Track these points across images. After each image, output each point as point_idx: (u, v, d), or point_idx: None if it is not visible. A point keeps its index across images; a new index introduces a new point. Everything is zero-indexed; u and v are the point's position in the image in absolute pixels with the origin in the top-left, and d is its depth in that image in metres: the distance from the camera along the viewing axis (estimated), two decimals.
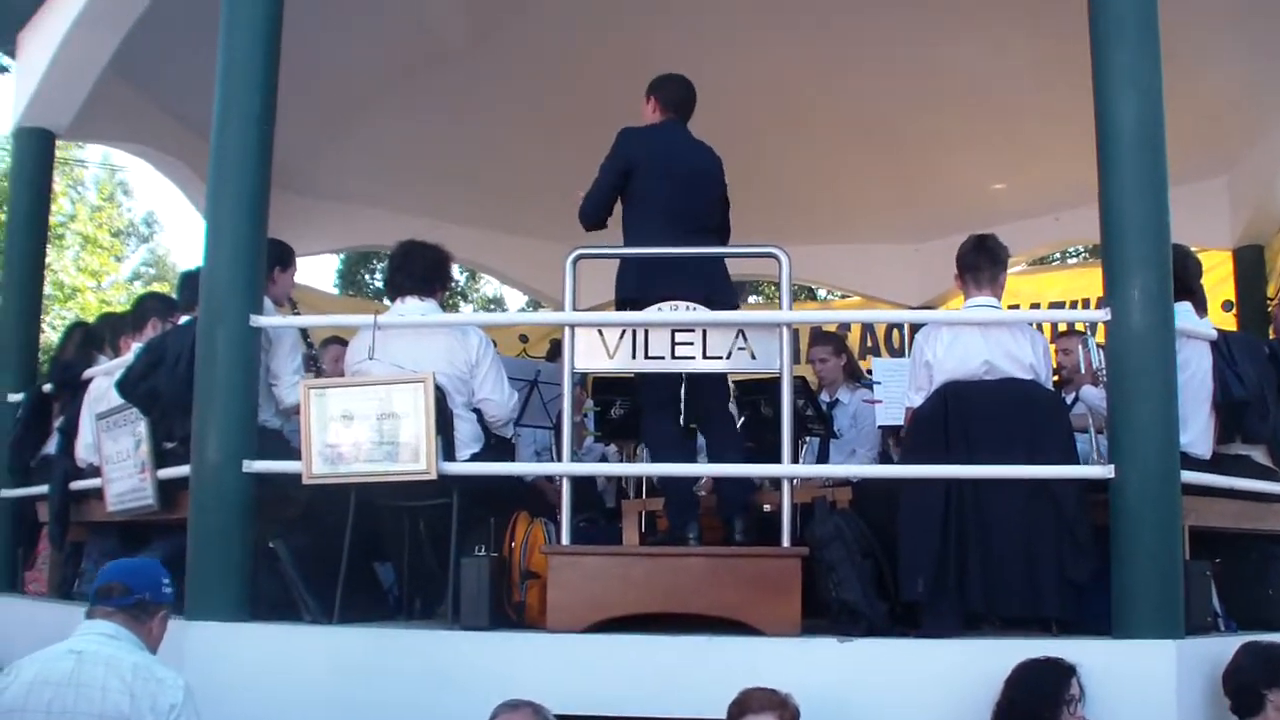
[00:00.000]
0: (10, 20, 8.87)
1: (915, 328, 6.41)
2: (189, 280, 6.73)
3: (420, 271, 6.27)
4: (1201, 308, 6.03)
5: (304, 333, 6.90)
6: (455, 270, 6.91)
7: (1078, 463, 5.60)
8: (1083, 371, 6.09)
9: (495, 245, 12.84)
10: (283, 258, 6.68)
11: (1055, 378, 6.64)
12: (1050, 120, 9.55)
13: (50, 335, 18.34)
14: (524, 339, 10.12)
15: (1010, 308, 7.49)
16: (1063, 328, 8.74)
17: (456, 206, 11.80)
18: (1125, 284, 5.17)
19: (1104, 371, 5.48)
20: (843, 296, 14.60)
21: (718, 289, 6.03)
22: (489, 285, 32.29)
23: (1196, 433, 5.73)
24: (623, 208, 6.35)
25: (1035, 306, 12.45)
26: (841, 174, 11.23)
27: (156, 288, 26.98)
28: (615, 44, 9.23)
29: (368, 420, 5.47)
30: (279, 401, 6.21)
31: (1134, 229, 5.19)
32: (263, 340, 5.99)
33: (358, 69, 9.46)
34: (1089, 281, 12.09)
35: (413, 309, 6.18)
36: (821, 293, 16.73)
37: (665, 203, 6.19)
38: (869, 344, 13.32)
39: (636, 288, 5.99)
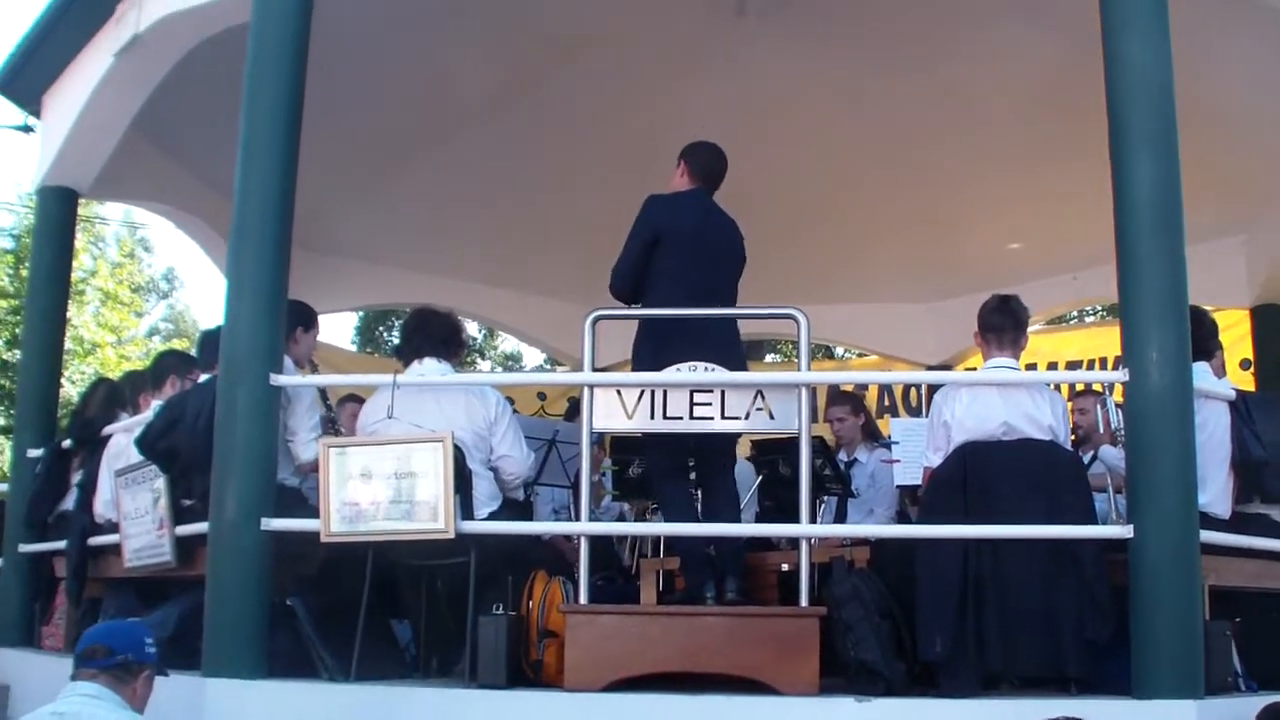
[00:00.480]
0: (36, 82, 8.95)
1: (933, 388, 6.40)
2: (208, 339, 6.77)
3: (440, 335, 6.32)
4: (1220, 368, 6.04)
5: (323, 393, 6.93)
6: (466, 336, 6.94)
7: (1096, 523, 5.58)
8: (1101, 431, 6.09)
9: (515, 304, 12.89)
10: (306, 319, 6.71)
11: (1072, 437, 6.63)
12: (1067, 180, 9.55)
13: (69, 390, 18.41)
14: (542, 396, 10.17)
15: (1028, 367, 7.48)
16: (1080, 387, 8.74)
17: (476, 265, 11.86)
18: (1143, 344, 5.18)
19: (1122, 431, 5.48)
20: (860, 355, 14.61)
21: (733, 362, 6.00)
22: (507, 343, 32.37)
23: (1215, 492, 5.73)
24: (652, 277, 6.29)
25: (1053, 365, 12.45)
26: (859, 234, 11.26)
27: (174, 343, 27.10)
28: (639, 108, 9.32)
29: (386, 479, 5.48)
30: (295, 458, 6.22)
31: (1152, 289, 5.20)
32: (281, 398, 6.02)
33: (381, 129, 9.53)
34: (1106, 340, 12.10)
35: (431, 369, 6.22)
36: (839, 351, 16.75)
37: (688, 275, 6.16)
38: (886, 403, 13.30)
39: (653, 363, 5.90)
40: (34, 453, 8.39)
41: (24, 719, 4.07)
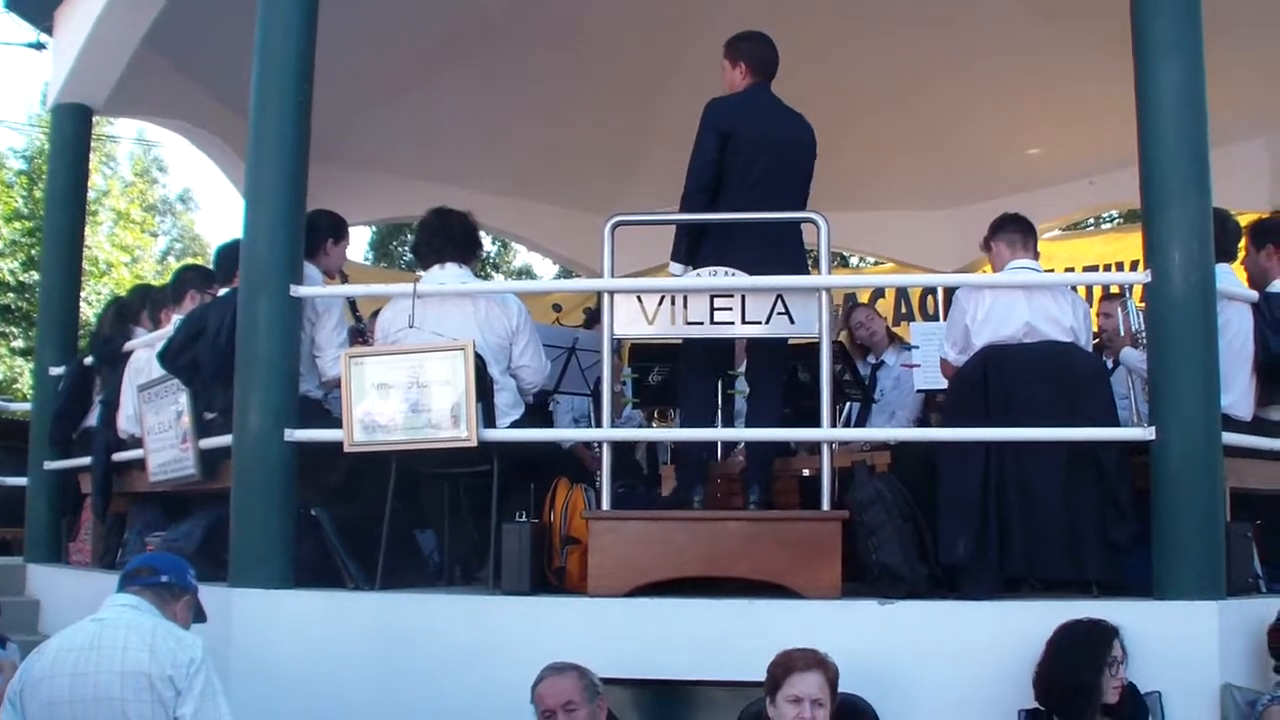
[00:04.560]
0: None
1: (952, 293, 6.37)
2: (225, 253, 6.76)
3: (460, 238, 6.28)
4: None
5: (353, 305, 6.93)
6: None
7: (1118, 425, 5.58)
8: (1122, 334, 6.07)
9: (530, 214, 12.86)
10: (336, 230, 6.70)
11: (1095, 341, 6.62)
12: (1085, 84, 9.50)
13: (85, 311, 18.45)
14: (558, 308, 10.15)
15: (1047, 272, 7.46)
16: (1098, 291, 8.71)
17: (492, 176, 11.80)
18: (1166, 246, 5.15)
19: (1143, 334, 5.47)
20: (875, 263, 14.56)
21: (794, 260, 5.95)
22: (519, 257, 32.41)
23: (1238, 394, 5.72)
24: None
25: (1070, 272, 12.39)
26: (875, 139, 11.17)
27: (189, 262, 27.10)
28: (652, 18, 9.23)
29: (408, 388, 5.49)
30: (322, 373, 6.23)
31: (1175, 192, 5.17)
32: (310, 312, 6.04)
33: (396, 42, 9.47)
34: (1124, 246, 12.04)
35: (451, 275, 6.18)
36: (853, 260, 16.69)
37: (758, 176, 5.98)
38: (903, 310, 13.29)
39: (716, 263, 5.78)
40: (56, 371, 8.43)
41: (66, 630, 4.11)
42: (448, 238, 6.26)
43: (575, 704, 4.46)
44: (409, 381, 5.50)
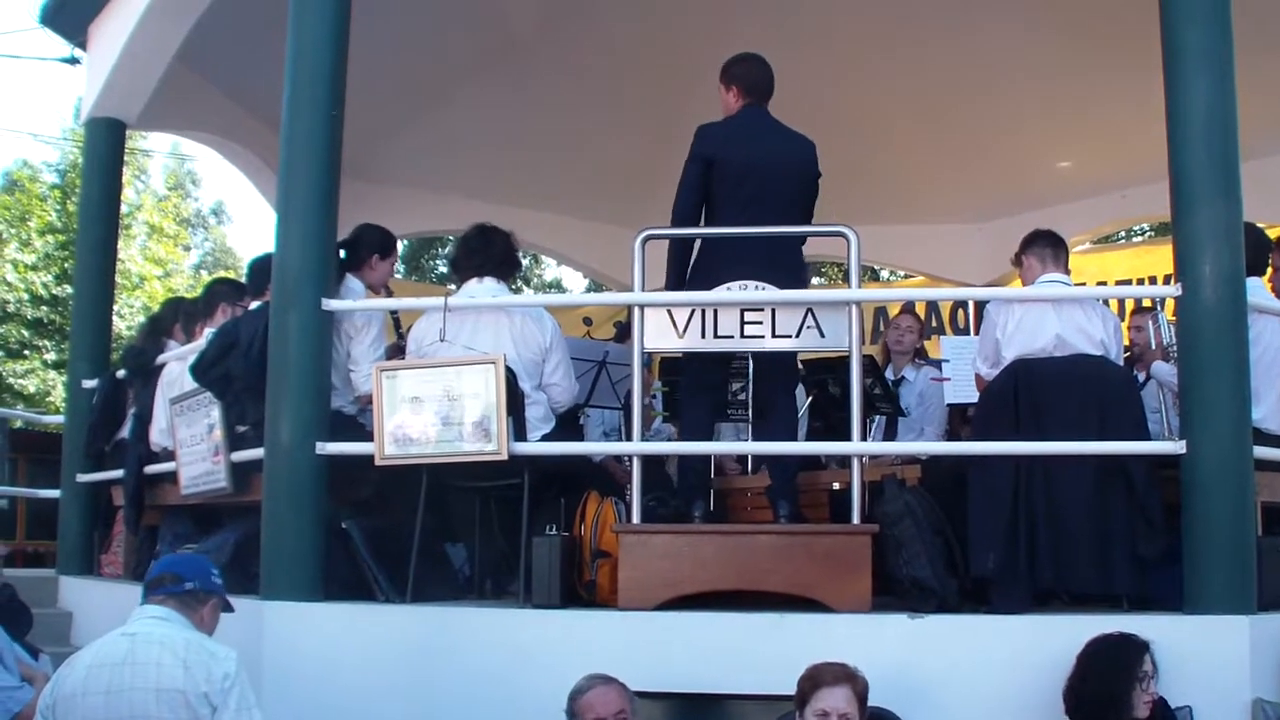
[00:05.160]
0: (82, 13, 8.98)
1: (982, 306, 6.37)
2: (258, 266, 6.81)
3: (499, 255, 6.30)
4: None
5: (396, 322, 6.94)
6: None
7: (1148, 439, 5.57)
8: (1153, 347, 6.06)
9: (561, 228, 12.88)
10: (383, 245, 6.72)
11: (1126, 355, 6.61)
12: (1117, 97, 9.48)
13: (118, 324, 18.59)
14: (588, 322, 10.15)
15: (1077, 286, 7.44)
16: (1130, 305, 8.69)
17: (522, 191, 11.83)
18: (1197, 260, 5.13)
19: (1174, 347, 5.45)
20: (905, 277, 14.55)
21: (792, 278, 5.94)
22: (549, 270, 32.48)
23: (1269, 408, 5.69)
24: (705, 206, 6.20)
25: (1101, 285, 12.34)
26: (906, 154, 11.19)
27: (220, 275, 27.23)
28: (683, 31, 9.26)
29: (439, 401, 5.51)
30: (355, 388, 6.26)
31: (1205, 205, 5.14)
32: (349, 327, 6.06)
33: (428, 57, 9.52)
34: (1155, 259, 11.99)
35: (487, 290, 6.20)
36: (884, 274, 16.68)
37: (745, 200, 6.01)
38: (933, 324, 13.26)
39: (707, 284, 5.82)
40: (89, 384, 8.48)
41: (96, 642, 4.13)
42: (488, 254, 6.28)
43: (625, 714, 4.50)
44: (440, 395, 5.52)
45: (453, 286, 6.52)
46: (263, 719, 4.02)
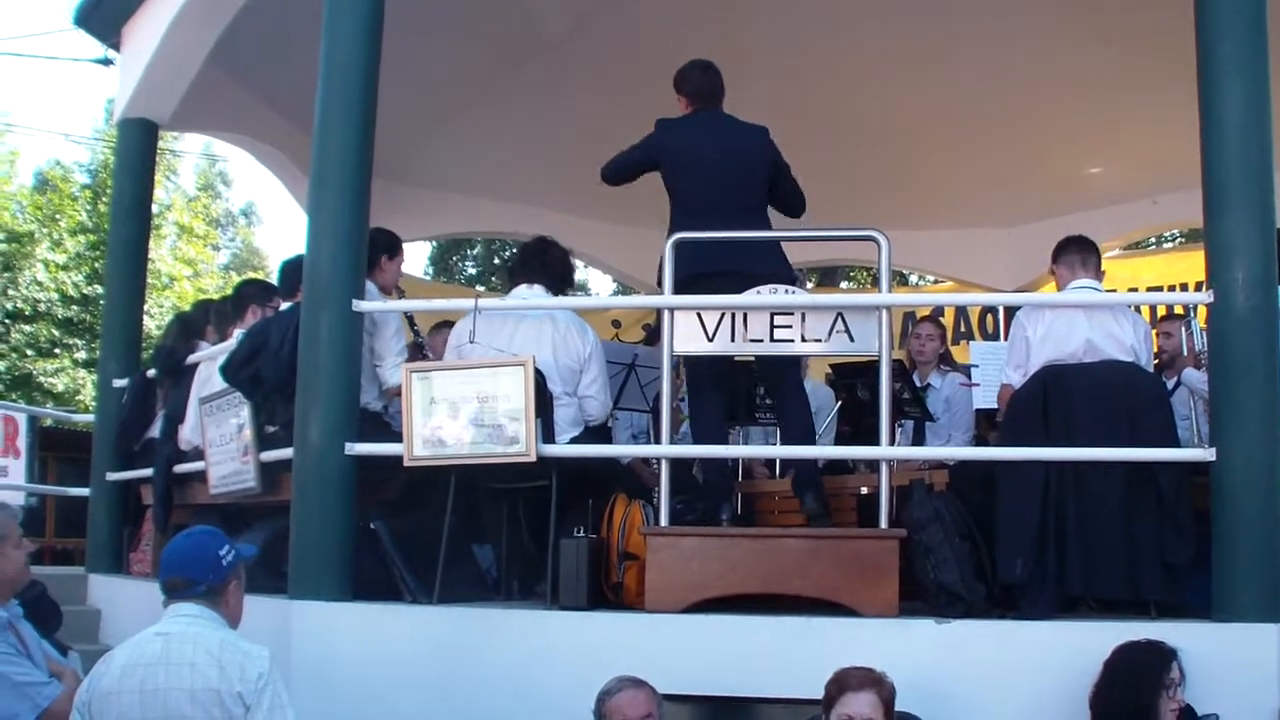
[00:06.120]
0: (115, 14, 9.01)
1: (1011, 311, 6.36)
2: (289, 268, 6.83)
3: (554, 266, 6.45)
4: None
5: (410, 321, 6.97)
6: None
7: (1178, 445, 5.54)
8: (1184, 354, 6.03)
9: (589, 231, 12.89)
10: (391, 246, 6.75)
11: (1156, 361, 6.58)
12: (1148, 104, 9.45)
13: (148, 324, 18.69)
14: (617, 324, 10.16)
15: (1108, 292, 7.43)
16: (1162, 311, 8.66)
17: (551, 193, 11.86)
18: (1228, 267, 5.12)
19: (1205, 354, 5.43)
20: (935, 282, 14.53)
21: (774, 264, 6.09)
22: (578, 273, 32.45)
23: None
24: (669, 198, 6.44)
25: (1131, 291, 12.31)
26: (936, 159, 11.17)
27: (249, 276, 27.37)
28: (711, 34, 9.24)
29: (469, 403, 5.52)
30: (383, 382, 6.29)
31: (1238, 212, 5.13)
32: (367, 324, 6.08)
33: (458, 60, 9.55)
34: (1186, 266, 11.97)
35: (536, 296, 6.28)
36: (913, 278, 16.66)
37: (698, 194, 6.27)
38: (962, 329, 13.25)
39: (688, 265, 5.94)
40: (120, 383, 8.52)
41: (130, 640, 4.14)
42: (543, 265, 6.41)
43: (654, 716, 4.52)
44: (469, 396, 5.53)
45: (482, 289, 6.55)
46: (295, 717, 4.03)
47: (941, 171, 11.45)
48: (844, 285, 19.37)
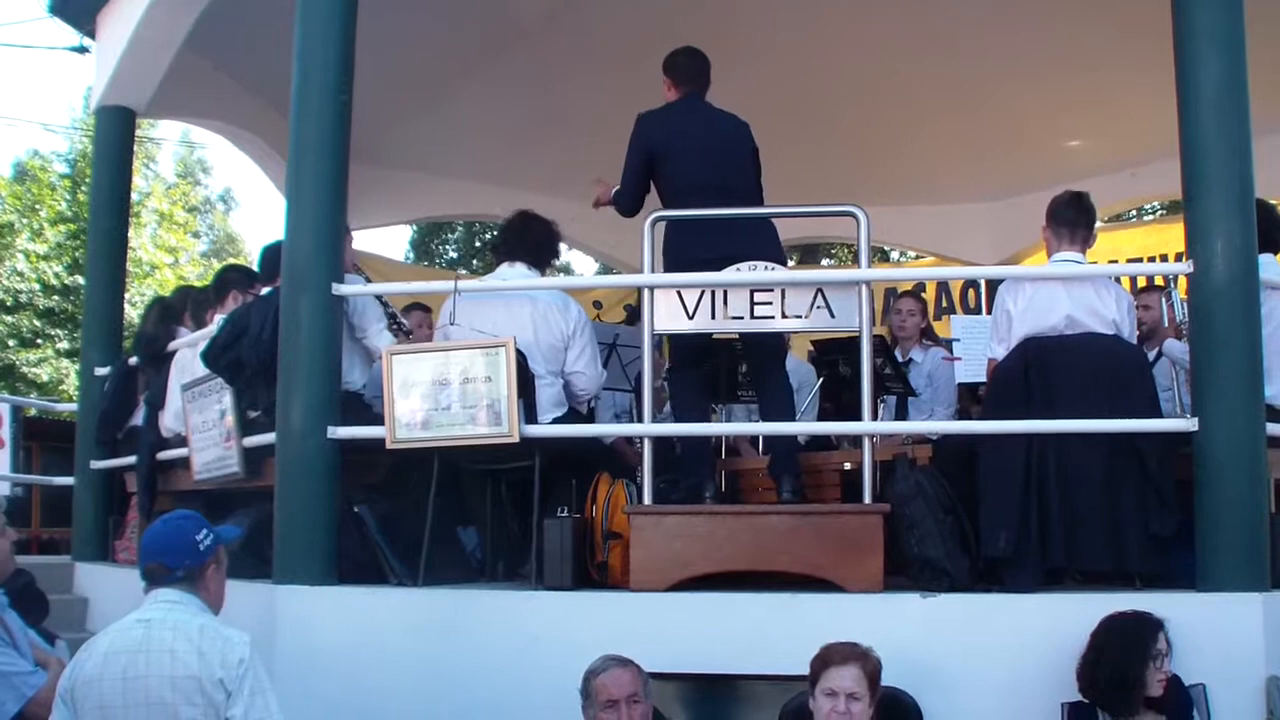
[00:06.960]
0: (90, 1, 8.98)
1: (993, 285, 6.36)
2: (270, 253, 6.81)
3: (535, 241, 6.44)
4: None
5: (384, 302, 6.97)
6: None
7: (1161, 416, 5.55)
8: (1165, 325, 6.03)
9: (572, 213, 12.86)
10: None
11: (1137, 333, 6.58)
12: (1127, 76, 9.45)
13: (130, 312, 18.65)
14: (598, 305, 10.15)
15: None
16: (1142, 282, 8.67)
17: (532, 175, 11.81)
18: (1208, 236, 5.12)
19: (1186, 324, 5.43)
20: (916, 258, 14.54)
21: (764, 245, 6.05)
22: (560, 255, 32.42)
23: None
24: (658, 189, 6.44)
25: (1112, 264, 12.32)
26: (915, 134, 11.16)
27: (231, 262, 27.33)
28: (692, 17, 9.22)
29: (450, 384, 5.52)
30: (372, 352, 6.36)
31: (1217, 182, 5.13)
32: (343, 307, 6.07)
33: (435, 44, 9.50)
34: (1166, 238, 11.97)
35: (518, 275, 6.30)
36: (894, 255, 16.69)
37: (691, 178, 6.26)
38: (944, 304, 13.25)
39: (679, 249, 6.05)
40: (101, 371, 8.51)
41: (112, 627, 4.13)
42: (522, 240, 6.41)
43: (639, 696, 4.51)
44: (450, 378, 5.53)
45: (463, 271, 6.54)
46: (277, 702, 4.03)
47: (921, 147, 11.44)
48: (825, 263, 19.35)
